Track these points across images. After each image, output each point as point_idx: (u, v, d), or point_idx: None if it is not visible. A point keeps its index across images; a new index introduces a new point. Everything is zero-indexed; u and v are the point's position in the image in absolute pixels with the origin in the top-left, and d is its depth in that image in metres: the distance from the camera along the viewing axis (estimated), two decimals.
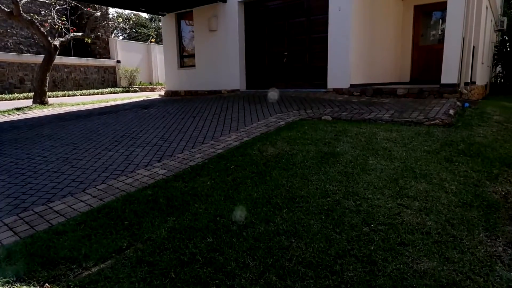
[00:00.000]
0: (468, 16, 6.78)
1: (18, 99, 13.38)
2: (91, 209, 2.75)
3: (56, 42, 10.63)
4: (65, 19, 14.15)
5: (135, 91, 18.75)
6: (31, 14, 12.02)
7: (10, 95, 13.89)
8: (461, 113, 5.66)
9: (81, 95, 15.78)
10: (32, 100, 10.70)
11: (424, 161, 3.39)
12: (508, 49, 15.10)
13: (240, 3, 9.45)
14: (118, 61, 20.06)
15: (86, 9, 14.00)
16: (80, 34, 12.55)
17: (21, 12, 9.93)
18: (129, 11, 26.29)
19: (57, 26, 12.38)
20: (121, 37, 28.87)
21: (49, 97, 11.37)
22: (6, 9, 10.07)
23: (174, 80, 11.63)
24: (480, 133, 4.39)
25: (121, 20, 23.76)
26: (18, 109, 9.26)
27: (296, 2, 8.75)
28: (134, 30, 30.14)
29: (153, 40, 23.69)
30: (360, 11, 7.98)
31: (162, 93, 13.09)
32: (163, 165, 3.80)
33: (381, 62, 9.54)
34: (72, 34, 12.07)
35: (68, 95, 15.32)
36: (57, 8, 12.90)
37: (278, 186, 2.95)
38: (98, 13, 14.59)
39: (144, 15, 30.91)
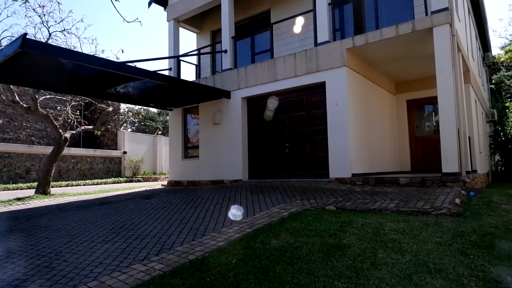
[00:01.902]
0: (459, 109, 7.16)
1: (22, 189, 13.43)
2: None
3: (67, 135, 11.11)
4: (78, 114, 15.05)
5: (139, 181, 18.89)
6: (47, 109, 12.84)
7: (14, 185, 13.99)
8: (467, 202, 5.56)
9: (84, 185, 15.87)
10: (35, 190, 10.73)
11: (437, 254, 3.20)
12: (503, 138, 15.60)
13: (243, 99, 10.11)
14: (125, 152, 20.68)
15: (99, 104, 15.00)
16: (91, 127, 13.20)
17: (38, 107, 10.62)
18: (140, 106, 28.08)
19: (70, 120, 13.10)
20: (129, 130, 30.29)
21: (52, 187, 11.43)
22: (24, 105, 10.79)
23: (178, 170, 11.80)
24: (490, 223, 4.24)
25: (131, 114, 25.22)
26: (19, 199, 9.22)
27: (295, 98, 9.36)
28: (142, 123, 31.78)
29: (159, 132, 24.82)
30: (356, 105, 8.48)
31: (165, 183, 13.16)
32: (160, 259, 3.59)
33: (381, 152, 9.77)
34: (83, 127, 12.70)
35: (72, 185, 15.41)
36: (72, 104, 13.83)
37: (283, 283, 2.74)
38: (110, 109, 15.59)
39: (153, 109, 32.92)
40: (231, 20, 10.69)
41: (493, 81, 21.69)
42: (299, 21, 9.83)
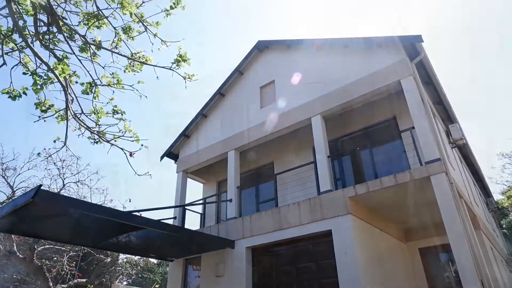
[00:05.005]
0: (476, 257, 6.75)
1: None
2: None
3: None
4: (74, 265, 14.30)
5: None
6: (43, 260, 12.30)
7: None
8: None
9: None
10: None
11: None
12: None
13: (248, 248, 9.71)
14: None
15: (98, 255, 14.42)
16: (84, 280, 12.36)
17: (34, 258, 10.20)
18: (139, 257, 26.89)
19: (63, 272, 12.38)
20: (125, 283, 28.15)
21: None
22: (20, 256, 10.40)
23: None
24: None
25: (129, 265, 23.97)
26: None
27: (302, 247, 8.98)
28: (140, 275, 29.79)
29: (157, 286, 23.03)
30: (366, 254, 8.05)
31: None
32: None
33: None
34: (76, 280, 11.87)
35: None
36: (70, 254, 13.32)
37: None
38: (108, 259, 14.91)
39: (153, 260, 31.39)
40: (237, 172, 11.30)
41: (503, 226, 21.23)
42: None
